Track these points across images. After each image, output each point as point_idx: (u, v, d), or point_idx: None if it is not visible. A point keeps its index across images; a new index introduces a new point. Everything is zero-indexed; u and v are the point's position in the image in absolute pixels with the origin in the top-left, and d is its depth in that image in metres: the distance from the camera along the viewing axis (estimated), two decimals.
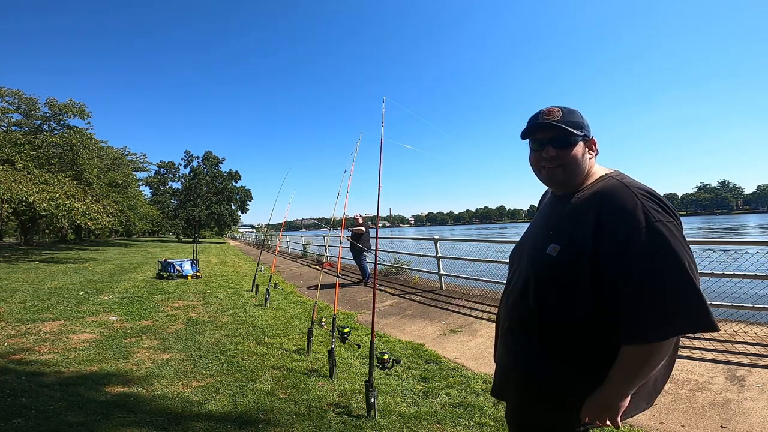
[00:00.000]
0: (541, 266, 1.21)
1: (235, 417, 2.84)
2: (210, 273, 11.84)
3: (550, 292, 1.17)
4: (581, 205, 1.19)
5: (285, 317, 5.98)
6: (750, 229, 40.26)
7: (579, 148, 1.24)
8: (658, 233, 1.04)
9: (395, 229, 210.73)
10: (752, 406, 2.82)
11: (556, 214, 1.28)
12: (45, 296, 7.34)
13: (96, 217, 15.15)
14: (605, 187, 1.17)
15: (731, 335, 4.11)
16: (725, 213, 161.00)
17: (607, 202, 1.13)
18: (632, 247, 1.04)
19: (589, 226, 1.12)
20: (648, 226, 1.05)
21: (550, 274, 1.18)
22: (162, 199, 49.37)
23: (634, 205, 1.08)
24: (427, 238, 8.98)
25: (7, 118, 21.31)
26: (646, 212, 1.06)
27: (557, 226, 1.23)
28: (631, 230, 1.05)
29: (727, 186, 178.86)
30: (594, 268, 1.09)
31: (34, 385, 3.25)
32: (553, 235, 1.22)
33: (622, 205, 1.10)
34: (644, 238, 1.04)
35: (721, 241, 5.18)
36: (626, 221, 1.07)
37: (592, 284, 1.10)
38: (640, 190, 1.13)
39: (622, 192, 1.13)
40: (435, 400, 3.15)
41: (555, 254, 1.17)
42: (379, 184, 3.46)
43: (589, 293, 1.10)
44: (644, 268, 1.03)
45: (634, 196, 1.10)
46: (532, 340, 1.21)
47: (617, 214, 1.09)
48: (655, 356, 1.05)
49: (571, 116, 1.25)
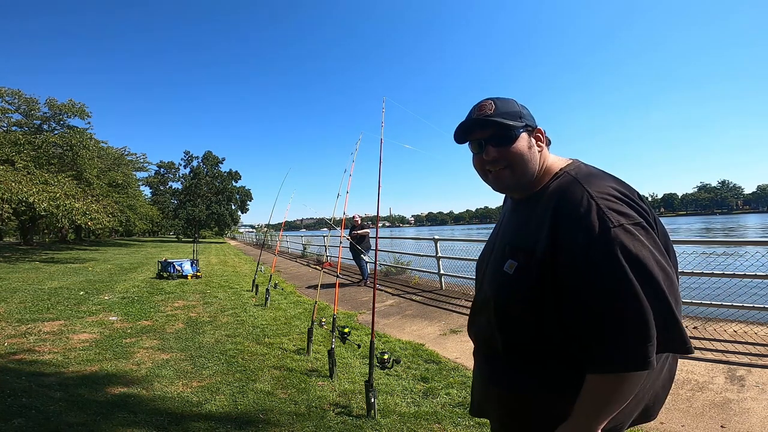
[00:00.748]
0: (500, 286, 1.07)
1: (235, 417, 2.84)
2: (210, 273, 11.84)
3: (513, 313, 1.03)
4: (536, 211, 1.03)
5: (285, 317, 5.98)
6: (750, 229, 40.26)
7: (522, 142, 1.06)
8: (617, 241, 0.86)
9: (395, 229, 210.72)
10: (752, 406, 2.82)
11: (514, 223, 1.13)
12: (45, 296, 7.34)
13: (96, 217, 15.16)
14: (559, 186, 1.02)
15: (731, 335, 4.11)
16: (725, 213, 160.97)
17: (560, 206, 0.96)
18: (587, 260, 0.88)
19: (544, 236, 0.96)
20: (603, 234, 0.87)
21: (509, 294, 1.03)
22: (162, 199, 49.41)
23: (588, 207, 0.91)
24: (427, 238, 8.98)
25: (7, 118, 21.32)
26: (602, 216, 0.89)
27: (513, 238, 1.08)
28: (583, 241, 0.89)
29: (727, 186, 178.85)
30: (554, 285, 0.94)
31: (34, 385, 3.25)
32: (510, 249, 1.06)
33: (574, 208, 0.93)
34: (598, 250, 0.87)
35: (721, 241, 5.18)
36: (578, 229, 0.90)
37: (556, 302, 0.95)
38: (597, 187, 0.95)
39: (574, 192, 0.96)
40: (435, 400, 3.15)
41: (512, 272, 1.02)
42: (379, 184, 3.46)
43: (554, 312, 0.95)
44: (605, 286, 0.86)
45: (588, 196, 0.93)
46: (501, 363, 1.08)
47: (569, 220, 0.93)
48: (624, 387, 0.88)
49: (507, 107, 1.08)
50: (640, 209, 0.93)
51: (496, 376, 1.10)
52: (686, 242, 4.96)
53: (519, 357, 1.04)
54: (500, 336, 1.06)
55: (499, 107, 1.08)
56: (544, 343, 0.99)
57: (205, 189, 49.33)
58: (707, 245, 5.03)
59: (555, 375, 0.98)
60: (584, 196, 0.94)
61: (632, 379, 0.88)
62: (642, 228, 0.90)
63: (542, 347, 0.99)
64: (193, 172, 50.39)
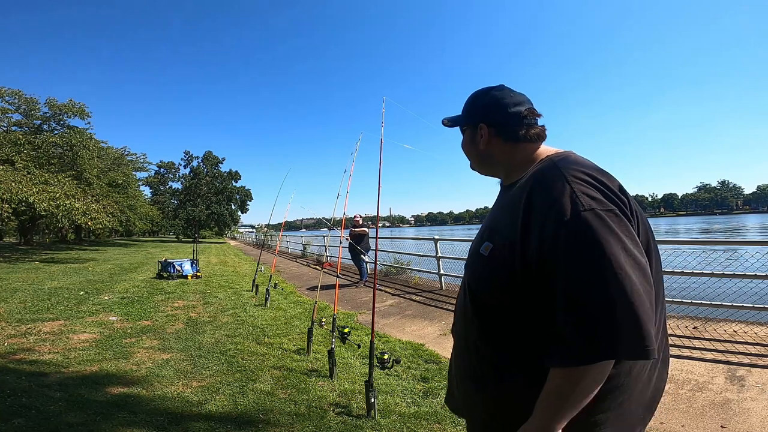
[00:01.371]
0: (475, 269, 1.06)
1: (235, 417, 2.84)
2: (210, 273, 11.84)
3: (483, 295, 1.01)
4: (514, 194, 1.02)
5: (285, 317, 5.98)
6: (750, 228, 40.26)
7: (465, 137, 1.20)
8: (586, 226, 0.83)
9: (395, 229, 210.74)
10: (752, 406, 2.82)
11: (496, 208, 1.14)
12: (45, 296, 7.35)
13: (96, 217, 15.17)
14: (538, 170, 1.01)
15: (731, 335, 4.11)
16: (725, 213, 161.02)
17: (534, 189, 0.95)
18: (555, 243, 0.85)
19: (518, 221, 0.94)
20: (574, 217, 0.84)
21: (483, 276, 1.02)
22: (162, 199, 49.46)
23: (562, 190, 0.89)
24: (427, 238, 8.98)
25: (7, 118, 21.29)
26: (575, 199, 0.86)
27: (493, 221, 1.08)
28: (554, 222, 0.86)
29: (727, 186, 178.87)
30: (526, 270, 0.91)
31: (34, 385, 3.25)
32: (488, 233, 1.06)
33: (549, 190, 0.91)
34: (569, 233, 0.84)
35: (721, 241, 5.19)
36: (550, 211, 0.88)
37: (523, 288, 0.92)
38: (575, 171, 0.93)
39: (551, 175, 0.95)
40: (435, 400, 3.15)
41: (486, 254, 1.01)
42: (379, 184, 3.46)
43: (520, 299, 0.93)
44: (567, 271, 0.83)
45: (564, 178, 0.91)
46: (476, 353, 1.04)
47: (542, 202, 0.91)
48: (583, 383, 0.83)
49: (467, 103, 1.20)
50: (616, 199, 0.90)
51: (474, 372, 1.05)
52: (686, 242, 4.96)
53: (498, 349, 0.99)
54: (477, 322, 1.02)
55: (465, 104, 1.20)
56: (523, 332, 0.94)
57: (205, 189, 49.35)
58: (707, 246, 5.04)
59: (536, 369, 0.91)
60: (560, 178, 0.92)
61: (591, 373, 0.82)
62: (614, 214, 0.86)
63: (521, 336, 0.94)
64: (193, 172, 50.44)
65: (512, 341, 0.96)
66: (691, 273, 4.50)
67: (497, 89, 1.16)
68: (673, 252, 4.86)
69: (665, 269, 4.71)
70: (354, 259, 9.33)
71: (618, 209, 0.88)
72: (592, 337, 0.79)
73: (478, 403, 1.05)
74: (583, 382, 0.83)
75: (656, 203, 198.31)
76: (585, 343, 0.80)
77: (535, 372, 0.91)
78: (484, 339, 1.01)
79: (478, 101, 1.17)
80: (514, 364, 0.95)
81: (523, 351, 0.94)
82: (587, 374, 0.82)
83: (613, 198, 0.89)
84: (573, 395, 0.84)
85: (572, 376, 0.83)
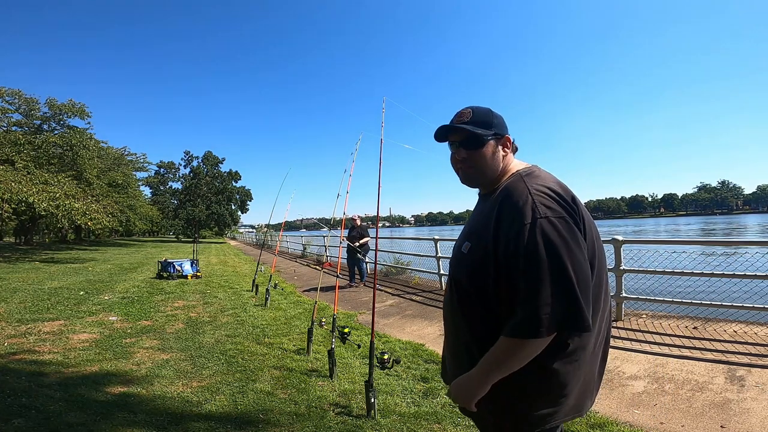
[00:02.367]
0: (457, 263, 1.26)
1: (235, 417, 2.84)
2: (210, 273, 11.84)
3: (467, 290, 1.19)
4: (491, 203, 1.21)
5: (285, 317, 5.99)
6: (751, 228, 40.25)
7: (489, 148, 1.26)
8: (540, 230, 1.04)
9: (395, 229, 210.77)
10: (752, 406, 2.82)
11: (476, 212, 1.32)
12: (45, 296, 7.35)
13: (96, 217, 15.16)
14: (507, 185, 1.20)
15: (731, 335, 4.11)
16: (725, 213, 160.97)
17: (504, 199, 1.16)
18: (517, 243, 1.05)
19: (491, 225, 1.14)
20: (532, 223, 1.05)
21: (463, 269, 1.22)
22: (162, 199, 49.40)
23: (525, 200, 1.10)
24: (427, 238, 8.98)
25: (7, 118, 21.28)
26: (534, 208, 1.07)
27: (473, 225, 1.28)
28: (517, 227, 1.07)
29: (727, 186, 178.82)
30: (496, 264, 1.11)
31: (34, 385, 3.25)
32: (467, 234, 1.27)
33: (515, 200, 1.12)
34: (527, 235, 1.04)
35: (721, 241, 5.19)
36: (514, 217, 1.09)
37: (496, 278, 1.11)
38: (538, 186, 1.14)
39: (518, 187, 1.16)
40: (435, 400, 3.15)
41: (466, 252, 1.22)
42: (379, 184, 3.46)
43: (498, 287, 1.11)
44: (525, 265, 1.03)
45: (528, 191, 1.12)
46: (459, 342, 1.24)
47: (509, 210, 1.11)
48: (522, 353, 1.04)
49: (481, 116, 1.27)
50: (569, 208, 1.10)
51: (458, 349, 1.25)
52: (686, 242, 4.96)
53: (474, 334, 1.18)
54: (460, 309, 1.21)
55: (474, 116, 1.28)
56: (495, 314, 1.13)
57: (205, 189, 49.34)
58: (707, 245, 5.04)
59: None
60: (524, 191, 1.13)
61: (529, 346, 1.03)
62: (564, 221, 1.07)
63: (495, 318, 1.13)
64: (193, 172, 50.41)
65: (487, 322, 1.15)
66: (691, 273, 4.50)
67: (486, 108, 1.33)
68: (673, 252, 4.86)
69: (665, 269, 4.73)
70: (349, 260, 9.11)
71: (569, 216, 1.08)
72: (538, 319, 1.00)
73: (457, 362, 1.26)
74: (522, 352, 1.04)
75: (656, 203, 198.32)
76: (531, 322, 1.01)
77: None
78: (465, 321, 1.21)
79: (493, 116, 1.29)
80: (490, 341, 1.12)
81: (497, 329, 1.11)
82: (526, 346, 1.04)
83: (566, 207, 1.10)
84: (511, 360, 1.06)
85: (515, 345, 1.04)
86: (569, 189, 1.17)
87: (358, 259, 8.96)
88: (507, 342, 1.05)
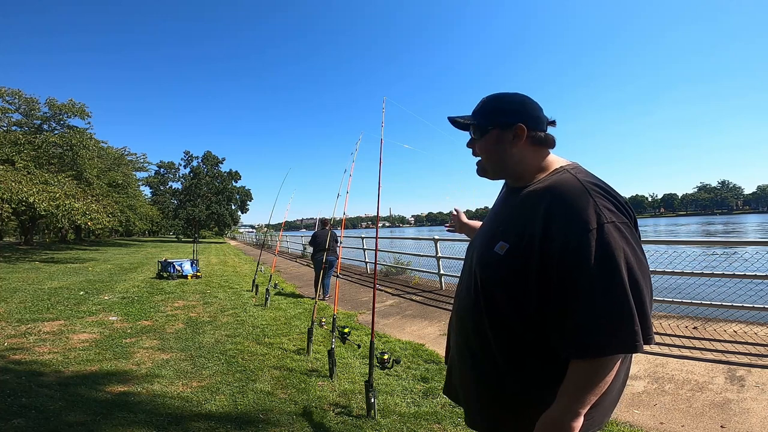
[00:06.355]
0: (488, 266, 1.10)
1: (235, 417, 2.84)
2: (210, 273, 11.84)
3: (498, 293, 1.07)
4: (531, 199, 1.08)
5: (285, 317, 5.98)
6: (751, 228, 40.24)
7: (490, 138, 1.15)
8: (609, 236, 0.94)
9: (395, 229, 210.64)
10: (752, 406, 2.82)
11: (507, 208, 1.19)
12: (45, 296, 7.35)
13: (96, 217, 15.15)
14: (557, 181, 1.07)
15: (731, 335, 4.11)
16: (725, 213, 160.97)
17: (556, 198, 1.02)
18: (580, 249, 0.94)
19: (538, 224, 1.01)
20: (599, 227, 0.94)
21: (497, 274, 1.07)
22: (162, 199, 49.40)
23: (586, 203, 0.98)
24: (427, 238, 8.98)
25: (7, 118, 21.28)
26: (598, 212, 0.96)
27: (506, 221, 1.13)
28: (579, 232, 0.95)
29: (727, 186, 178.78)
30: (543, 270, 0.99)
31: (34, 385, 3.25)
32: (501, 231, 1.11)
33: (572, 202, 0.99)
34: (593, 242, 0.93)
35: (721, 241, 5.19)
36: (575, 221, 0.96)
37: (540, 287, 0.99)
38: (594, 186, 1.02)
39: (574, 187, 1.02)
40: (435, 400, 3.15)
41: (503, 253, 1.07)
42: (379, 184, 3.46)
43: (537, 297, 1.00)
44: (591, 274, 0.92)
45: (587, 192, 1.00)
46: (482, 347, 1.11)
47: (566, 212, 0.99)
48: (602, 371, 0.94)
49: (490, 104, 1.18)
50: (626, 208, 1.02)
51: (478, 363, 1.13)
52: (686, 242, 4.96)
53: (501, 341, 1.07)
54: (486, 319, 1.09)
55: (483, 105, 1.19)
56: (525, 331, 1.03)
57: (205, 189, 49.33)
58: (707, 246, 5.04)
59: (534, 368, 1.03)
60: (583, 191, 1.00)
61: (611, 363, 0.94)
62: (629, 227, 0.98)
63: (524, 335, 1.03)
64: (193, 172, 50.40)
65: (523, 335, 1.04)
66: (691, 273, 4.50)
67: (520, 94, 1.19)
68: (673, 252, 4.86)
69: (665, 269, 4.72)
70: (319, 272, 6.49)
71: (630, 220, 1.00)
72: (613, 332, 0.90)
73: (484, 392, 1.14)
74: (602, 371, 0.93)
75: (656, 203, 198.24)
76: (607, 337, 0.91)
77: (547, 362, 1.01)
78: (495, 333, 1.08)
79: (508, 103, 1.17)
80: (526, 355, 1.04)
81: (533, 343, 1.03)
82: (607, 364, 0.93)
83: (624, 211, 1.00)
84: (594, 383, 0.94)
85: (595, 366, 0.93)
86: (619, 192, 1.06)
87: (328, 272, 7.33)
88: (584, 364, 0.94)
